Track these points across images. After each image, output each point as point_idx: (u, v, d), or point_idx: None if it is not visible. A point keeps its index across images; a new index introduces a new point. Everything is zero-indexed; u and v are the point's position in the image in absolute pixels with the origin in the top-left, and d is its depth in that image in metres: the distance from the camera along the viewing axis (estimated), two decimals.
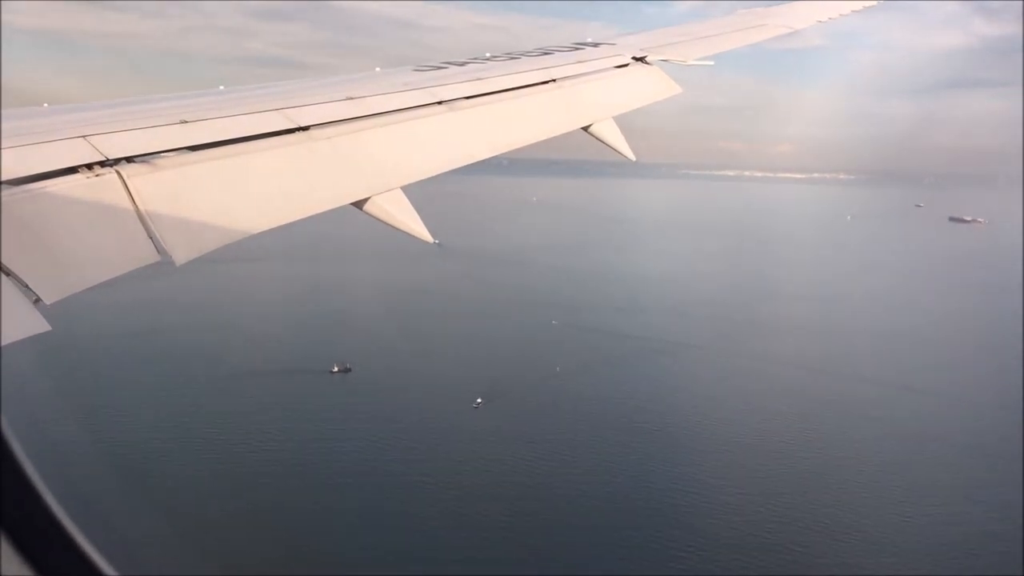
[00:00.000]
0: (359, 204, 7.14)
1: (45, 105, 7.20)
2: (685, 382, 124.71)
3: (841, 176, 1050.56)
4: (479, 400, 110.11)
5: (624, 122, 10.50)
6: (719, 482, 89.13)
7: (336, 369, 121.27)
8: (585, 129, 10.12)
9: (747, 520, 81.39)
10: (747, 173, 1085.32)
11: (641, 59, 11.75)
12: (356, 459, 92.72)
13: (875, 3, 17.72)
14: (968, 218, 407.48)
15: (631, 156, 10.32)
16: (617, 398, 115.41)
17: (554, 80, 10.33)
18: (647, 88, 11.34)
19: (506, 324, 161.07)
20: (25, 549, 4.72)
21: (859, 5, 17.36)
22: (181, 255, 5.43)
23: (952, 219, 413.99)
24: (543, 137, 9.61)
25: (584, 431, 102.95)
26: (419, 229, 7.50)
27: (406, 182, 7.52)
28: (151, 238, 5.32)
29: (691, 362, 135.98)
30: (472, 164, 8.64)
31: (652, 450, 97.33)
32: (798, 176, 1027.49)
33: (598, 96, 10.69)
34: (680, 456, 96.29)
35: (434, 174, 8.03)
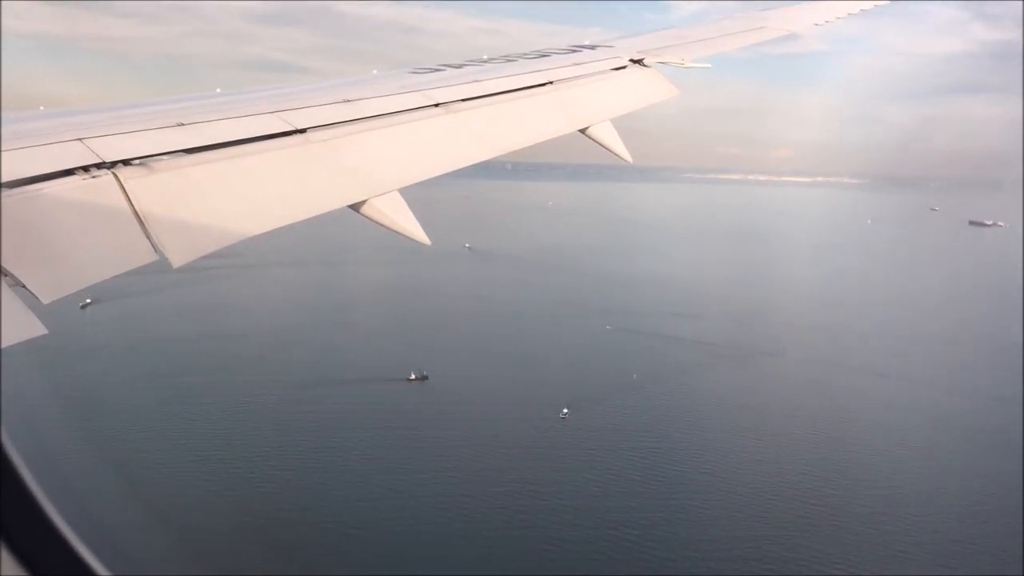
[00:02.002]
0: (356, 207, 7.01)
1: (42, 108, 7.09)
2: (767, 389, 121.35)
3: (845, 180, 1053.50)
4: (566, 410, 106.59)
5: (621, 125, 10.36)
6: (840, 493, 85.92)
7: (413, 377, 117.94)
8: (582, 131, 9.95)
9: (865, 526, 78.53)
10: (751, 177, 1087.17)
11: (639, 61, 11.61)
12: (459, 469, 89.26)
13: (872, 7, 17.67)
14: (989, 222, 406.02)
15: (628, 158, 10.20)
16: (705, 407, 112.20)
17: (551, 82, 10.24)
18: (644, 90, 11.22)
19: (562, 329, 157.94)
20: (21, 550, 4.62)
21: (856, 8, 17.18)
22: (178, 258, 5.37)
23: (972, 223, 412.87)
24: (540, 140, 9.44)
25: (681, 441, 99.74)
26: (416, 232, 7.35)
27: (403, 184, 7.39)
28: (148, 240, 5.25)
29: (767, 369, 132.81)
30: (477, 168, 8.51)
31: (763, 459, 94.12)
32: (802, 180, 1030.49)
33: (595, 98, 10.56)
34: (790, 465, 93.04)
35: (431, 176, 7.83)
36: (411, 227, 7.35)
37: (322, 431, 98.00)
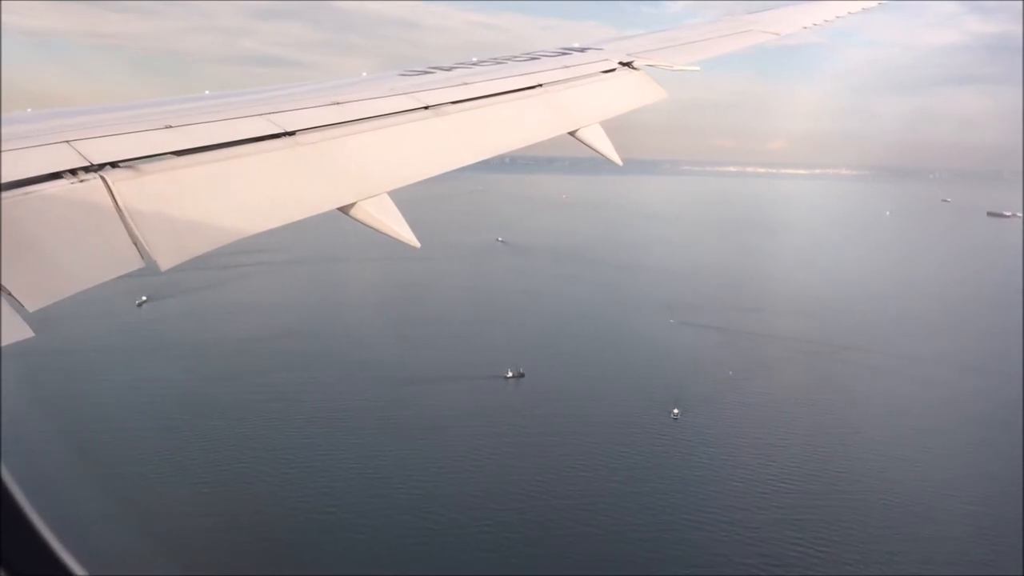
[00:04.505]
0: (345, 209, 6.98)
1: (29, 110, 7.09)
2: (871, 388, 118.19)
3: (843, 171, 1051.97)
4: (676, 410, 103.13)
5: (612, 119, 10.41)
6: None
7: (510, 374, 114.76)
8: (571, 134, 9.96)
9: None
10: (749, 169, 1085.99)
11: (628, 64, 11.70)
12: (583, 467, 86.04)
13: (859, 9, 17.65)
14: (1008, 213, 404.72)
15: (617, 161, 10.15)
16: (815, 405, 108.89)
17: (541, 85, 10.26)
18: (633, 93, 11.32)
19: (628, 324, 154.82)
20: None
21: (843, 10, 17.10)
22: (166, 261, 5.36)
23: (991, 214, 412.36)
24: (530, 142, 9.48)
25: (804, 440, 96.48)
26: (406, 234, 7.26)
27: (392, 187, 7.34)
28: (136, 244, 5.21)
29: (859, 365, 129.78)
30: (479, 161, 8.55)
31: (899, 458, 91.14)
32: (801, 172, 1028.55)
33: (584, 101, 10.60)
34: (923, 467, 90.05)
35: (421, 179, 7.74)
36: (400, 229, 7.19)
37: (432, 430, 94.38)
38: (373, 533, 71.66)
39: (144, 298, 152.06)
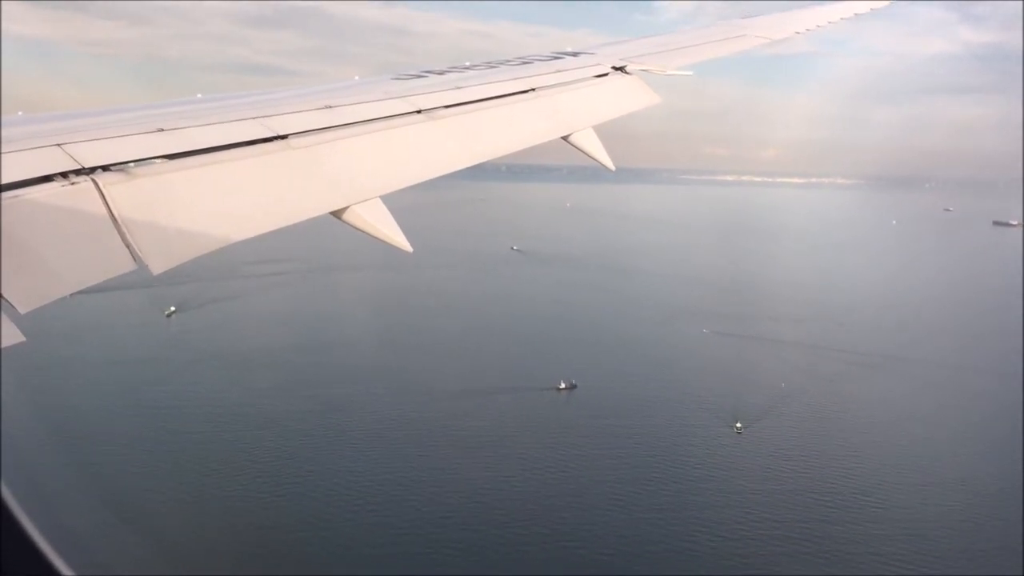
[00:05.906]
0: (338, 214, 6.92)
1: (20, 113, 7.02)
2: (930, 398, 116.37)
3: (839, 180, 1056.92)
4: (739, 424, 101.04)
5: (605, 126, 10.41)
6: None
7: (563, 386, 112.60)
8: (565, 138, 9.89)
9: None
10: (745, 178, 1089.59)
11: (621, 69, 11.63)
12: (648, 479, 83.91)
13: (851, 14, 17.70)
14: (1014, 222, 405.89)
15: (610, 166, 10.02)
16: (880, 416, 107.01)
17: (533, 89, 10.19)
18: (626, 98, 11.25)
19: (662, 333, 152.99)
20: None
21: (835, 15, 17.12)
22: (158, 264, 5.31)
23: (996, 223, 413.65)
24: (523, 146, 9.40)
25: (877, 453, 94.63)
26: (398, 239, 7.17)
27: (385, 191, 7.30)
28: (127, 247, 5.18)
29: (911, 375, 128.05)
30: (474, 170, 8.45)
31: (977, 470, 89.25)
32: (796, 181, 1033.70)
33: (577, 105, 10.54)
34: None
35: (413, 183, 7.78)
36: (393, 234, 7.11)
37: (492, 443, 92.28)
38: (456, 547, 69.54)
39: (172, 308, 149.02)
